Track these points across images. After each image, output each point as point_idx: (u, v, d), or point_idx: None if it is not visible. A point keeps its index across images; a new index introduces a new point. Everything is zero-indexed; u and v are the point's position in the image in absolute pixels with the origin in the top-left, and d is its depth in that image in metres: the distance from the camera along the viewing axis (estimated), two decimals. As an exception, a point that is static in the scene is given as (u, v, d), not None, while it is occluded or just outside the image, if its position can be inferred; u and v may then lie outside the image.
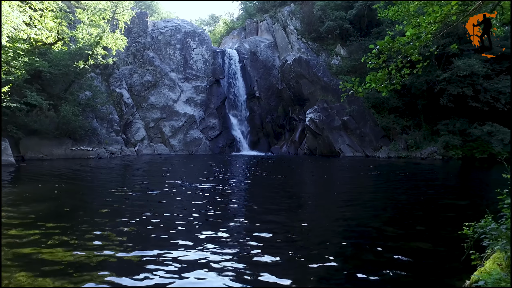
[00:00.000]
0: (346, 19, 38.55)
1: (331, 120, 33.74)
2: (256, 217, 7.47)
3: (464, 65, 28.23)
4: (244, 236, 6.02)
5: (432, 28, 5.75)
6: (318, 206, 9.24)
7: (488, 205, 8.19)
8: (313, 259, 4.89)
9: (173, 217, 7.31)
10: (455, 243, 5.12)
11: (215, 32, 64.15)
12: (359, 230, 6.65)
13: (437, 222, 7.21)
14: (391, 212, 8.26)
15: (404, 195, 10.91)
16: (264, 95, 42.14)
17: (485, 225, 4.20)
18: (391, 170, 18.90)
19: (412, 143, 31.14)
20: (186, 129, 36.95)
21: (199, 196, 9.83)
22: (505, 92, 28.75)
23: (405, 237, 6.02)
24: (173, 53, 39.14)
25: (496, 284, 2.82)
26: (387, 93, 6.33)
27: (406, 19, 7.46)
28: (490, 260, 3.86)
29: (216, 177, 14.71)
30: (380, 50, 5.69)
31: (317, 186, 13.82)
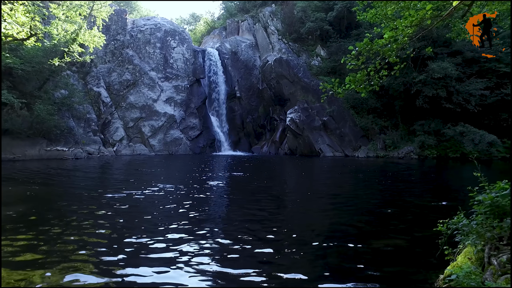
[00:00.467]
0: (326, 20, 39.12)
1: (312, 120, 34.14)
2: (236, 219, 7.46)
3: (438, 67, 29.26)
4: (224, 238, 6.00)
5: (409, 31, 5.93)
6: (299, 206, 9.33)
7: (461, 203, 8.52)
8: (294, 258, 4.94)
9: (151, 219, 7.19)
10: (430, 239, 5.30)
11: (195, 31, 63.60)
12: (339, 228, 6.77)
13: (414, 220, 7.43)
14: (370, 211, 8.45)
15: (382, 194, 11.18)
16: (245, 95, 42.14)
17: (458, 222, 4.37)
18: (370, 170, 19.32)
19: (390, 143, 31.96)
20: (166, 129, 36.45)
21: (178, 198, 9.71)
22: (475, 95, 30.03)
23: (384, 235, 6.17)
24: (153, 51, 38.53)
25: (467, 277, 2.95)
26: (366, 94, 6.47)
27: (384, 22, 7.66)
28: (462, 255, 4.02)
29: (196, 178, 14.60)
30: (359, 51, 5.81)
31: (298, 186, 13.95)
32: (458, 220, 4.39)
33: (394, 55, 5.89)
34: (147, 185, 11.95)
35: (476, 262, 3.64)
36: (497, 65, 31.34)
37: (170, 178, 14.71)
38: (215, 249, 5.26)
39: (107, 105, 34.68)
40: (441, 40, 31.50)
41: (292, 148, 35.95)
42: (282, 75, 38.30)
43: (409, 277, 4.29)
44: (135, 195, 9.85)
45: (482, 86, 30.36)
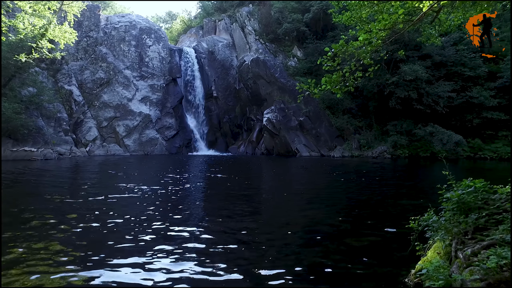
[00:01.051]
0: (303, 22, 39.63)
1: (288, 120, 34.46)
2: (212, 219, 7.41)
3: (410, 70, 30.35)
4: (201, 238, 5.96)
5: (382, 34, 6.11)
6: (275, 206, 9.39)
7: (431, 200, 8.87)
8: (271, 257, 4.97)
9: (124, 223, 7.02)
10: (403, 236, 5.48)
11: (172, 30, 62.67)
12: (315, 227, 6.87)
13: (387, 217, 7.65)
14: (346, 209, 8.63)
15: (357, 192, 11.45)
16: (221, 95, 41.96)
17: (428, 218, 4.55)
18: (345, 169, 19.74)
19: (364, 143, 32.80)
20: (142, 129, 35.67)
21: (153, 200, 9.51)
22: (443, 96, 31.42)
23: (358, 233, 6.32)
24: (127, 49, 37.60)
25: (436, 271, 3.07)
26: (342, 95, 6.61)
27: (358, 24, 7.84)
28: (432, 250, 4.19)
29: (172, 180, 14.38)
30: (335, 53, 5.93)
31: (275, 185, 14.04)
32: (428, 217, 4.57)
33: (368, 57, 6.05)
34: (121, 187, 11.65)
35: (444, 256, 3.80)
36: (462, 69, 32.96)
37: (145, 179, 14.41)
38: (192, 250, 5.20)
39: (79, 104, 33.50)
40: (412, 44, 32.68)
41: (269, 148, 36.15)
42: (259, 75, 38.42)
43: (383, 273, 4.42)
44: (108, 197, 9.58)
45: (449, 88, 31.80)
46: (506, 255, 2.83)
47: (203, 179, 14.87)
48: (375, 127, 34.28)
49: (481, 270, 2.89)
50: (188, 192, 10.96)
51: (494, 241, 3.32)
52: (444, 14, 7.99)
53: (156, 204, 8.62)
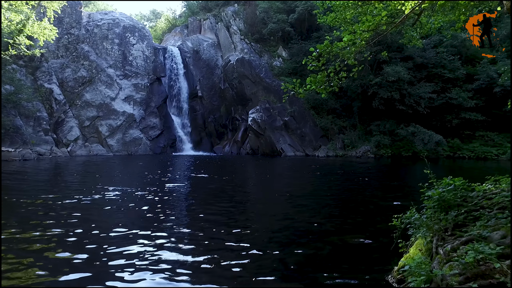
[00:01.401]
0: (288, 22, 39.84)
1: (273, 120, 34.59)
2: (196, 223, 7.35)
3: (392, 71, 30.97)
4: (185, 240, 5.92)
5: (366, 35, 6.21)
6: (261, 206, 9.42)
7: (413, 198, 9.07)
8: (256, 258, 4.98)
9: (107, 226, 6.91)
10: (386, 233, 5.59)
11: (156, 29, 61.88)
12: (301, 226, 6.92)
13: (371, 216, 7.79)
14: (330, 209, 8.73)
15: (341, 192, 11.60)
16: (206, 95, 41.75)
17: (410, 216, 4.67)
18: (330, 169, 19.96)
19: (348, 143, 33.26)
20: (125, 129, 35.08)
21: (134, 202, 9.37)
22: (425, 97, 32.24)
23: (342, 231, 6.41)
24: (110, 48, 36.89)
25: (418, 267, 3.15)
26: (326, 95, 6.68)
27: (343, 25, 7.95)
28: (414, 247, 4.29)
29: (156, 180, 14.22)
30: (320, 53, 5.99)
31: (261, 186, 14.07)
32: (410, 214, 4.69)
33: (352, 58, 6.14)
34: (102, 188, 11.43)
35: (426, 252, 3.90)
36: (442, 70, 33.91)
37: (128, 180, 14.19)
38: (176, 252, 5.16)
39: (60, 103, 32.65)
40: (395, 45, 33.35)
41: (254, 148, 36.19)
42: (244, 75, 38.41)
43: (366, 270, 4.50)
44: (88, 199, 9.38)
45: (430, 89, 32.63)
46: (482, 250, 2.93)
47: (187, 180, 14.76)
48: (359, 127, 34.80)
49: (460, 265, 2.98)
50: (171, 194, 10.84)
51: (472, 237, 3.43)
52: (425, 17, 8.21)
53: (138, 207, 8.50)
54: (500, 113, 31.60)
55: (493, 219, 3.64)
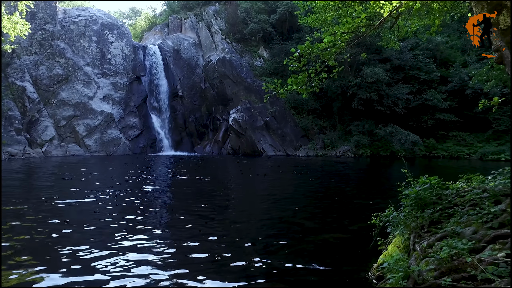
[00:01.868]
0: (269, 22, 39.98)
1: (254, 120, 34.65)
2: (177, 224, 7.25)
3: (371, 72, 31.65)
4: (168, 242, 5.85)
5: (346, 37, 6.32)
6: (242, 206, 9.41)
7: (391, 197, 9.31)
8: (238, 257, 4.98)
9: (81, 230, 6.73)
10: (366, 232, 5.70)
11: (136, 27, 60.70)
12: (281, 226, 6.97)
13: (350, 215, 7.93)
14: (311, 208, 8.83)
15: (322, 191, 11.76)
16: (187, 94, 41.33)
17: (389, 214, 4.79)
18: (310, 169, 20.18)
19: (328, 143, 33.74)
20: (104, 128, 34.20)
21: (111, 205, 9.14)
22: (402, 98, 33.14)
23: (323, 230, 6.49)
24: (88, 45, 35.86)
25: (396, 263, 3.24)
26: (307, 95, 6.75)
27: (323, 27, 8.06)
28: (392, 244, 4.40)
29: (135, 182, 13.96)
30: (301, 54, 6.05)
31: (242, 186, 14.06)
32: (389, 213, 4.81)
33: (332, 59, 6.23)
34: (77, 190, 11.12)
35: (404, 249, 4.01)
36: (418, 72, 34.99)
37: (106, 182, 13.86)
38: (156, 253, 5.09)
39: (33, 102, 31.47)
40: (373, 47, 34.09)
41: (235, 148, 36.12)
42: (225, 75, 38.28)
43: (346, 268, 4.58)
44: (60, 203, 9.11)
45: (407, 91, 33.58)
46: (456, 245, 3.04)
47: (166, 181, 14.56)
48: (338, 127, 35.36)
49: (435, 260, 3.09)
50: (151, 195, 10.67)
51: (446, 233, 3.55)
52: (402, 21, 8.45)
53: (114, 210, 8.32)
54: (471, 114, 32.90)
55: (465, 216, 3.79)
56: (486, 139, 32.38)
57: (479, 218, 3.57)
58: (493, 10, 3.79)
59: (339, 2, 7.68)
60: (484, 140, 32.49)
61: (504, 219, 3.33)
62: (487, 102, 4.72)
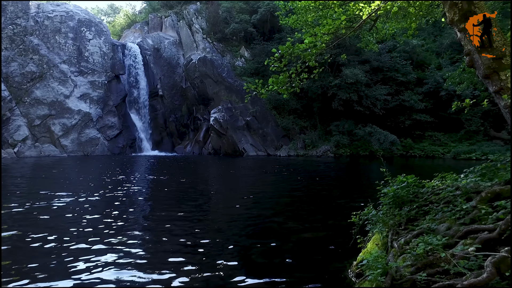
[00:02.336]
0: (251, 22, 40.00)
1: (235, 120, 34.60)
2: (156, 227, 7.13)
3: (351, 73, 32.24)
4: (146, 243, 5.77)
5: (326, 38, 6.42)
6: (223, 206, 9.39)
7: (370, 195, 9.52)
8: (219, 257, 4.97)
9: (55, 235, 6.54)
10: (346, 230, 5.81)
11: (114, 24, 59.37)
12: (262, 225, 7.00)
13: (330, 213, 8.05)
14: (291, 207, 8.90)
15: (302, 190, 11.87)
16: (167, 94, 40.80)
17: (368, 213, 4.89)
18: (291, 168, 20.34)
19: (309, 142, 34.12)
20: (81, 128, 33.23)
21: (86, 208, 8.85)
22: (380, 99, 33.95)
23: (304, 229, 6.57)
24: (64, 42, 34.72)
25: (375, 261, 3.32)
26: (288, 96, 6.80)
27: (304, 28, 8.15)
28: (371, 242, 4.51)
29: (113, 183, 13.66)
30: (282, 54, 6.08)
31: (223, 186, 14.02)
32: (368, 211, 4.91)
33: (313, 60, 6.31)
34: (51, 194, 10.78)
35: (382, 246, 4.12)
36: (396, 74, 35.94)
37: (82, 184, 13.49)
38: (136, 255, 5.01)
39: (5, 100, 30.17)
40: (353, 49, 34.72)
41: (216, 148, 35.95)
42: (206, 75, 38.04)
43: (327, 266, 4.65)
44: (32, 207, 8.81)
45: (385, 92, 34.42)
46: (431, 241, 3.15)
47: (146, 182, 14.33)
48: (319, 127, 35.80)
49: (412, 256, 3.19)
50: (130, 197, 10.48)
51: (422, 230, 3.67)
52: (381, 23, 8.66)
53: (90, 213, 8.11)
54: (446, 115, 34.06)
55: (440, 213, 3.93)
56: (459, 139, 33.65)
57: (452, 215, 3.70)
58: (464, 16, 3.95)
59: (320, 4, 7.79)
60: (457, 140, 33.76)
61: (474, 215, 3.47)
62: (459, 103, 4.90)
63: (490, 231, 3.04)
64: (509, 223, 2.92)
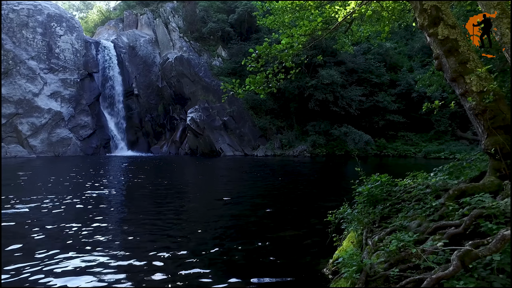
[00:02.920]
0: (228, 22, 39.90)
1: (212, 120, 34.41)
2: (133, 227, 6.99)
3: (327, 74, 32.84)
4: (122, 246, 5.64)
5: (303, 39, 6.51)
6: (201, 207, 9.31)
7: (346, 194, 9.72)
8: (196, 256, 4.93)
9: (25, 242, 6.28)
10: (322, 229, 5.91)
11: (87, 20, 57.49)
12: (240, 225, 7.00)
13: (307, 213, 8.16)
14: (268, 207, 8.95)
15: (279, 190, 11.97)
16: (143, 93, 39.99)
17: (343, 211, 4.99)
18: (268, 168, 20.45)
19: (286, 142, 34.45)
20: (51, 128, 31.91)
21: (58, 214, 8.60)
22: (355, 100, 34.80)
23: (280, 228, 6.62)
24: (32, 37, 33.22)
25: (350, 258, 3.39)
26: (265, 96, 6.84)
27: (281, 29, 8.23)
28: (346, 240, 4.61)
29: (84, 186, 13.24)
30: (259, 54, 6.12)
31: (200, 187, 13.90)
32: (343, 210, 5.02)
33: (290, 60, 6.38)
34: (14, 199, 10.32)
35: (357, 244, 4.22)
36: (370, 76, 36.97)
37: (50, 187, 12.99)
38: (114, 258, 4.88)
39: (-33, 98, 28.57)
40: (329, 50, 35.38)
41: (192, 148, 35.59)
42: (183, 74, 37.60)
43: (303, 264, 4.72)
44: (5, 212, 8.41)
45: (360, 93, 35.30)
46: (403, 238, 3.27)
47: (120, 184, 13.98)
48: (295, 127, 36.21)
49: (385, 253, 3.29)
50: (102, 201, 10.19)
51: (395, 227, 3.80)
52: (356, 26, 8.87)
53: (60, 218, 7.83)
54: (417, 116, 35.37)
55: (411, 210, 4.07)
56: (429, 139, 35.05)
57: (422, 212, 3.85)
58: (432, 21, 4.11)
59: (296, 5, 7.88)
60: (427, 139, 35.14)
61: (443, 212, 3.63)
62: (429, 105, 5.10)
63: (457, 226, 3.19)
64: (473, 219, 3.08)
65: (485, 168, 4.20)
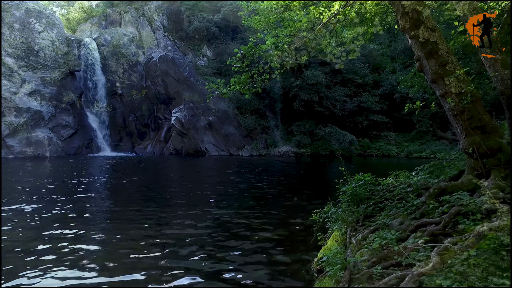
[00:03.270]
0: (213, 22, 39.71)
1: (197, 120, 34.18)
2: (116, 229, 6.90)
3: (312, 75, 33.16)
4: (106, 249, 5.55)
5: (288, 40, 6.54)
6: (186, 208, 9.24)
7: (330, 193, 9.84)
8: (181, 257, 4.90)
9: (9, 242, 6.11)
10: (307, 228, 5.97)
11: (68, 17, 55.99)
12: (225, 226, 6.99)
13: (293, 212, 8.22)
14: (253, 207, 8.97)
15: (265, 190, 12.00)
16: (127, 92, 39.31)
17: (328, 211, 5.06)
18: (253, 168, 20.47)
19: (271, 142, 34.58)
20: (31, 127, 30.95)
21: (38, 218, 8.41)
22: (340, 100, 35.23)
23: (266, 228, 6.65)
24: (9, 33, 32.11)
25: (335, 256, 3.45)
26: (250, 96, 6.85)
27: (266, 29, 8.25)
28: (331, 239, 4.67)
29: (66, 186, 12.95)
30: (244, 54, 6.12)
31: (184, 187, 13.79)
32: (328, 209, 5.09)
33: (275, 60, 6.41)
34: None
35: (341, 243, 4.28)
36: (354, 76, 37.51)
37: (29, 190, 12.63)
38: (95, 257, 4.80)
39: None
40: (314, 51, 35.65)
41: (177, 148, 35.24)
42: (167, 73, 37.18)
43: (289, 263, 4.75)
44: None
45: (344, 93, 35.79)
46: (385, 236, 3.34)
47: (102, 186, 13.72)
48: (281, 127, 36.38)
49: (368, 251, 3.36)
50: (84, 202, 9.99)
51: (378, 226, 3.88)
52: (340, 28, 8.99)
53: (42, 220, 7.66)
54: (400, 116, 36.10)
55: (394, 209, 4.16)
56: (411, 139, 35.82)
57: (404, 210, 3.95)
58: (414, 24, 4.22)
59: (282, 6, 7.92)
60: (409, 139, 35.91)
61: (424, 210, 3.73)
62: (411, 105, 5.23)
63: (437, 224, 3.29)
64: (452, 216, 3.17)
65: (464, 167, 4.34)
